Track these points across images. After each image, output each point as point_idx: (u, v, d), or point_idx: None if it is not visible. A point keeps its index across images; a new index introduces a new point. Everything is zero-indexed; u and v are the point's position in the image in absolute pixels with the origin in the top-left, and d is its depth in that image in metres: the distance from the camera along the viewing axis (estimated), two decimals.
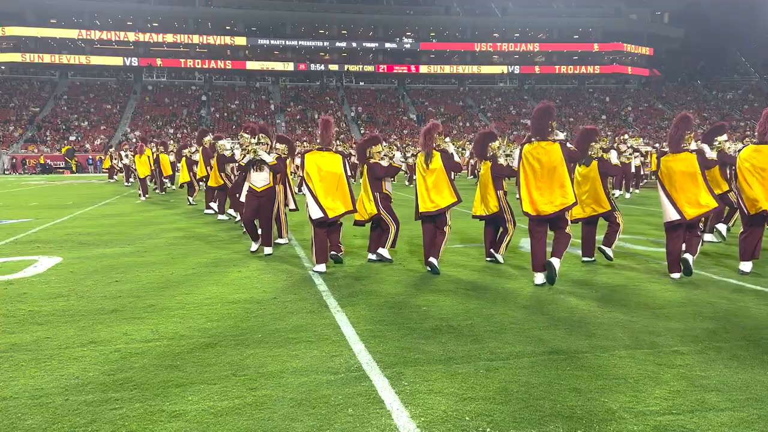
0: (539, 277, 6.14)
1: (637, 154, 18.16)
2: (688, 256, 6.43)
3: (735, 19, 60.40)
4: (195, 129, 44.06)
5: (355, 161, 18.64)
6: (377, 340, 4.33)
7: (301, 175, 16.75)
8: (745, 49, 61.53)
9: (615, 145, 18.15)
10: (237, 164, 8.09)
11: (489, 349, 4.16)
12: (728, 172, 9.05)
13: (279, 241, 8.56)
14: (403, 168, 9.98)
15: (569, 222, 6.31)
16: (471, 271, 6.81)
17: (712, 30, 61.24)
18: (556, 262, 6.06)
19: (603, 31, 60.11)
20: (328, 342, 4.30)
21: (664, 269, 6.75)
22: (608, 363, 3.89)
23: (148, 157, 18.29)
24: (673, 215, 6.44)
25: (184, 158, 15.44)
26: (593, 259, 7.37)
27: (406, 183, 22.29)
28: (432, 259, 6.75)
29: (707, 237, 8.76)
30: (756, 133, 6.95)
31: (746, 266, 6.75)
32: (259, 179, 7.59)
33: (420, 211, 6.83)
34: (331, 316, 4.96)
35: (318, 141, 6.92)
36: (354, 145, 24.94)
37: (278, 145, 8.21)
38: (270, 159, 7.36)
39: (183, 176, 15.54)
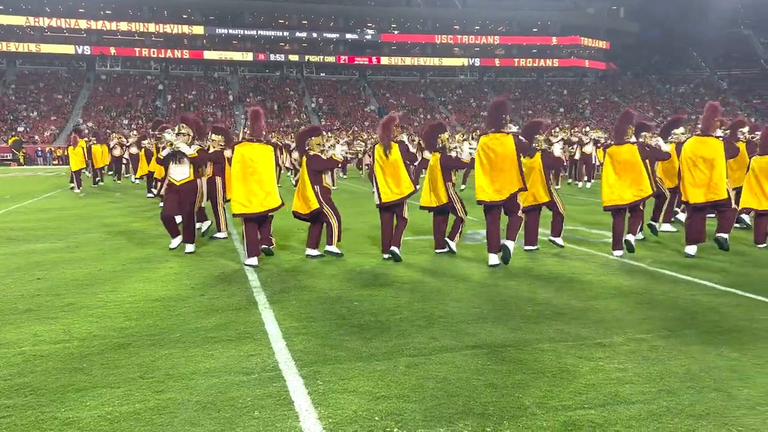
0: (494, 258, 6.65)
1: (585, 141, 18.38)
2: (630, 236, 7.14)
3: (688, 15, 61.95)
4: (151, 120, 42.98)
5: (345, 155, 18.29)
6: (300, 338, 4.22)
7: (286, 167, 16.76)
8: (697, 45, 63.20)
9: (565, 137, 18.53)
10: (156, 157, 7.84)
11: (413, 344, 4.09)
12: None
13: (218, 235, 8.34)
14: (350, 159, 9.82)
15: (521, 206, 6.85)
16: (413, 264, 6.75)
17: (666, 25, 62.70)
18: (510, 244, 6.66)
19: (561, 25, 60.87)
20: (248, 341, 4.16)
21: (604, 261, 6.82)
22: (529, 357, 3.86)
23: (82, 148, 17.71)
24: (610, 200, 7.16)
25: (143, 150, 15.02)
26: (536, 247, 7.54)
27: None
28: (394, 248, 6.96)
29: (665, 227, 8.98)
30: (700, 126, 7.41)
31: (691, 249, 7.16)
32: (178, 172, 7.22)
33: (383, 201, 6.98)
34: (257, 313, 4.82)
35: (248, 132, 6.72)
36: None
37: (214, 136, 7.96)
38: (190, 151, 7.05)
39: (142, 168, 15.16)
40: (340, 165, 7.40)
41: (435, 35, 59.98)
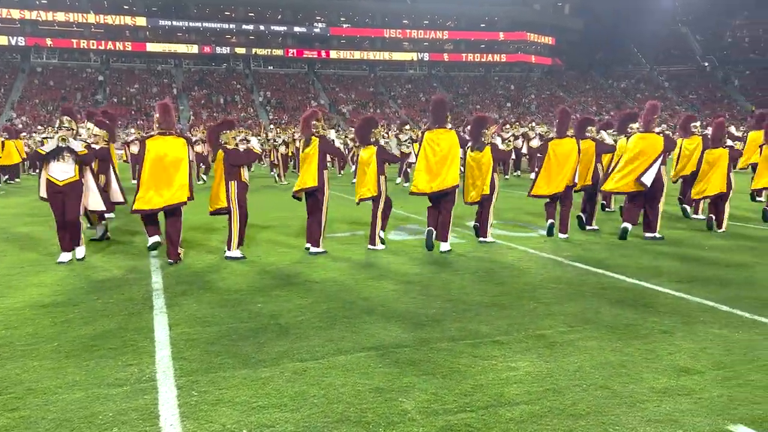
0: (445, 246, 7.08)
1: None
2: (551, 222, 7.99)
3: (629, 12, 63.76)
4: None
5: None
6: (189, 344, 3.99)
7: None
8: (638, 41, 65.07)
9: (516, 132, 18.85)
10: (34, 152, 7.20)
11: (307, 348, 3.92)
12: None
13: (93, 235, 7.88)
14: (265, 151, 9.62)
15: (454, 203, 7.18)
16: (338, 259, 6.58)
17: (609, 22, 64.33)
18: (444, 245, 7.06)
19: (508, 21, 61.68)
20: (130, 349, 3.91)
21: (522, 255, 6.82)
22: (424, 358, 3.76)
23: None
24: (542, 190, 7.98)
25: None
26: (491, 239, 7.70)
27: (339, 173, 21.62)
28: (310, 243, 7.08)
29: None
30: (641, 123, 7.97)
31: (628, 225, 7.87)
32: (61, 171, 6.39)
33: (294, 189, 7.20)
34: (150, 318, 4.57)
35: (159, 126, 6.41)
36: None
37: (96, 131, 7.51)
38: (80, 148, 6.50)
39: None
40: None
41: (384, 29, 59.87)
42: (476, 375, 3.48)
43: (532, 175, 19.07)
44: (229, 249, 6.74)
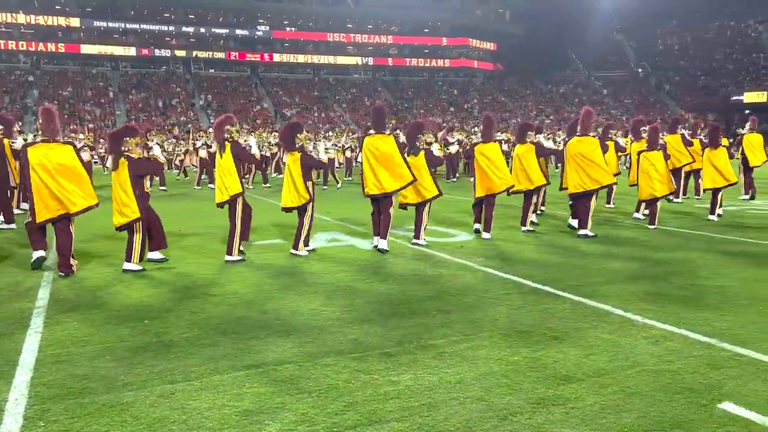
0: (384, 243, 7.40)
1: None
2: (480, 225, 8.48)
3: (567, 19, 65.59)
4: (20, 119, 39.46)
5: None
6: (55, 368, 3.71)
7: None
8: (576, 47, 67.04)
9: (462, 138, 19.16)
10: None
11: (183, 368, 3.71)
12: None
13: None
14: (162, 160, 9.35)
15: (392, 204, 7.48)
16: (254, 268, 6.35)
17: (548, 29, 66.01)
18: (382, 242, 7.42)
19: (451, 26, 62.45)
20: None
21: (439, 260, 6.78)
22: (305, 374, 3.60)
23: None
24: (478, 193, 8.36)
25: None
26: (424, 242, 7.86)
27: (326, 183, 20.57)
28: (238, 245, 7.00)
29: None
30: (579, 127, 8.60)
31: (575, 222, 8.62)
32: None
33: (216, 201, 7.06)
34: (21, 339, 4.25)
35: (41, 133, 6.05)
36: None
37: None
38: None
39: None
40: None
41: (328, 33, 59.64)
42: (354, 392, 3.36)
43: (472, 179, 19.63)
44: (129, 261, 6.42)
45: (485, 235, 8.32)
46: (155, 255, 6.75)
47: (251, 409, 3.15)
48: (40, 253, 6.20)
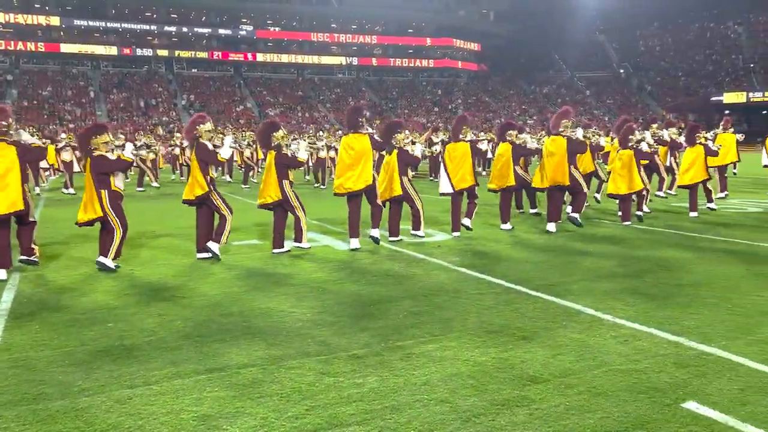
0: (355, 242, 7.47)
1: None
2: (466, 220, 8.41)
3: (551, 19, 66.01)
4: None
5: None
6: (14, 372, 3.63)
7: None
8: (559, 48, 67.48)
9: (445, 138, 19.17)
10: None
11: (143, 372, 3.62)
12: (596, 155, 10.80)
13: None
14: (136, 161, 9.30)
15: (378, 195, 7.60)
16: (216, 272, 6.26)
17: (532, 30, 66.39)
18: (375, 232, 7.65)
19: (435, 26, 62.56)
20: None
21: (413, 259, 6.74)
22: (269, 377, 3.54)
23: None
24: (447, 188, 8.32)
25: None
26: (400, 239, 8.02)
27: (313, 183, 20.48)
28: (210, 244, 6.92)
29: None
30: (550, 127, 8.88)
31: (551, 227, 8.60)
32: None
33: (183, 197, 7.11)
34: None
35: None
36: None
37: None
38: None
39: None
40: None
41: (312, 33, 59.46)
42: (316, 394, 3.30)
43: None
44: (105, 256, 6.35)
45: (466, 220, 8.44)
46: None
47: (210, 413, 3.08)
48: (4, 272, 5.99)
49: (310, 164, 19.79)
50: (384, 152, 8.34)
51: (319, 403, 3.19)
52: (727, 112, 48.70)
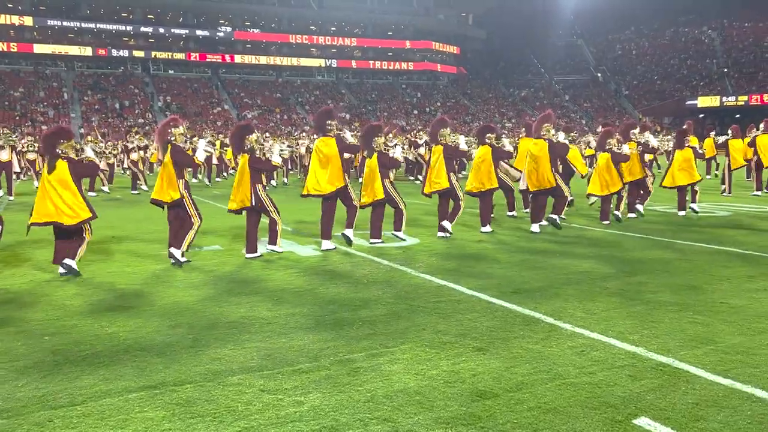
0: (327, 244, 7.57)
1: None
2: (445, 222, 8.46)
3: (529, 24, 66.57)
4: None
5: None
6: None
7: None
8: (537, 52, 68.04)
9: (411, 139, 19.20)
10: None
11: (71, 390, 3.40)
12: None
13: None
14: (102, 165, 9.10)
15: (354, 197, 7.68)
16: (181, 278, 6.02)
17: (510, 33, 66.89)
18: (349, 231, 7.78)
19: (414, 29, 62.63)
20: None
21: (381, 265, 6.57)
22: (205, 396, 3.34)
23: None
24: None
25: None
26: (381, 240, 8.06)
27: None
28: (172, 250, 6.81)
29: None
30: (533, 131, 9.20)
31: (535, 227, 8.78)
32: None
33: (152, 197, 6.98)
34: None
35: None
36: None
37: None
38: None
39: None
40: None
41: (291, 35, 59.16)
42: (252, 415, 3.11)
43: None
44: (72, 258, 6.23)
45: (447, 224, 8.51)
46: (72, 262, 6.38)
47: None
48: None
49: (290, 166, 19.83)
50: (365, 155, 8.30)
51: (252, 424, 3.01)
52: (701, 115, 49.42)
